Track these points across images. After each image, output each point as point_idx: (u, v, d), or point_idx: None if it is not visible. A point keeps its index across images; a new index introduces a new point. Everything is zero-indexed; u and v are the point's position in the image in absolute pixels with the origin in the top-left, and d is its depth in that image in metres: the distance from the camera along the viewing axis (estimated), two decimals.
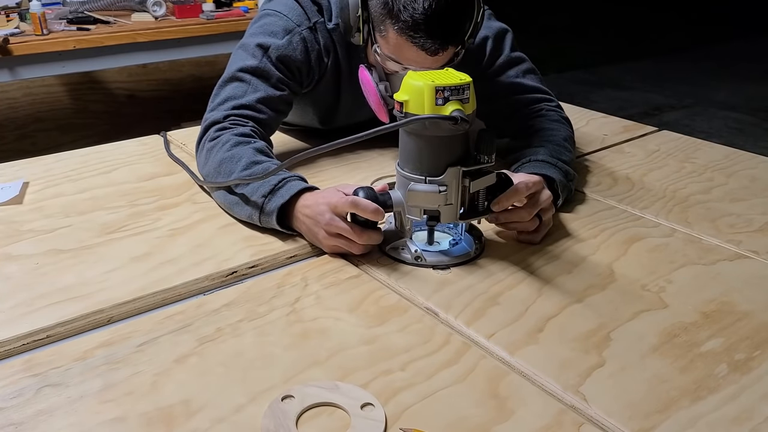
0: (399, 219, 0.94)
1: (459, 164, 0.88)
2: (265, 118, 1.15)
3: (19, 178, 1.22)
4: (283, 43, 1.15)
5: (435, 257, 0.94)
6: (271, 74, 1.15)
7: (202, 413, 0.67)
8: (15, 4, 2.59)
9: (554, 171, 1.05)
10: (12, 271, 0.92)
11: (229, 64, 1.19)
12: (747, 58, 5.96)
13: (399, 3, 0.99)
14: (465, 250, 0.96)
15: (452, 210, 0.91)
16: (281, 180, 0.99)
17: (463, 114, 0.83)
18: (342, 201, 0.91)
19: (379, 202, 0.90)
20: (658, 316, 0.83)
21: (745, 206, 1.14)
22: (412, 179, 0.90)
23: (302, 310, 0.84)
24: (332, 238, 0.93)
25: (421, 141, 0.88)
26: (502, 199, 0.92)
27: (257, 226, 1.01)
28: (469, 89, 0.85)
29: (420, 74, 0.86)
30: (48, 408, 0.68)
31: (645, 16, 7.90)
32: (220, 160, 1.05)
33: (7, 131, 2.77)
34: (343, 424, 0.65)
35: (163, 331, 0.80)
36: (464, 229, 0.99)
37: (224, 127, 1.10)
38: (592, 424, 0.66)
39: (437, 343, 0.78)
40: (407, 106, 0.86)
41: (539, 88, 1.27)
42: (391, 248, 0.96)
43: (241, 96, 1.14)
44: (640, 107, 4.60)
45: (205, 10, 2.65)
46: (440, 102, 0.84)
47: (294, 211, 0.97)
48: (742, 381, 0.72)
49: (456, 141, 0.88)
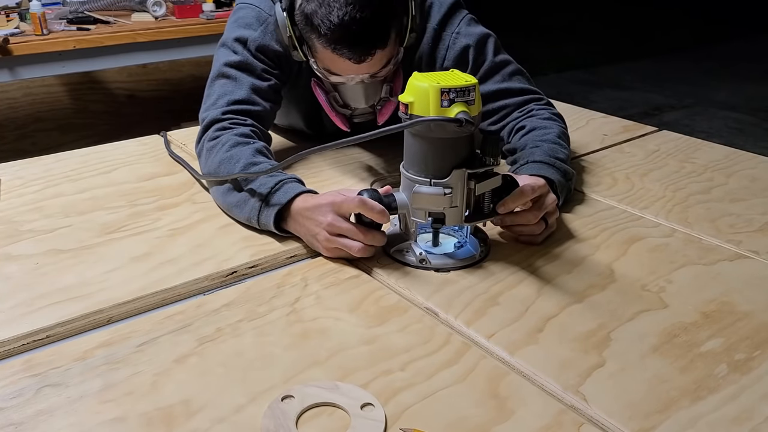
0: (404, 221, 0.94)
1: (464, 166, 0.88)
2: (260, 110, 1.15)
3: (20, 178, 1.22)
4: (258, 34, 1.17)
5: (440, 260, 0.94)
6: (255, 66, 1.16)
7: (202, 413, 0.67)
8: (15, 4, 2.59)
9: (552, 171, 1.05)
10: (12, 271, 0.92)
11: (214, 62, 1.20)
12: (747, 58, 5.96)
13: (317, 18, 1.00)
14: (470, 253, 0.95)
15: (457, 212, 0.90)
16: (278, 182, 0.98)
17: (468, 116, 0.83)
18: (348, 201, 0.90)
19: (384, 204, 0.90)
20: (658, 316, 0.83)
21: (745, 206, 1.14)
22: (417, 181, 0.90)
23: (302, 310, 0.84)
24: (333, 239, 0.93)
25: (426, 143, 0.88)
26: (507, 201, 0.92)
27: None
28: (474, 91, 0.85)
29: (425, 75, 0.86)
30: (48, 408, 0.68)
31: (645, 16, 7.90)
32: (220, 161, 1.05)
33: (7, 131, 2.77)
34: (343, 424, 0.65)
35: (163, 331, 0.80)
36: (469, 232, 0.99)
37: (224, 126, 1.10)
38: (592, 424, 0.66)
39: (437, 343, 0.78)
40: (412, 107, 0.85)
41: (527, 89, 1.26)
42: (395, 251, 0.96)
43: (232, 91, 1.15)
44: (640, 107, 4.60)
45: (205, 10, 2.65)
46: (445, 104, 0.83)
47: (292, 214, 0.97)
48: (742, 381, 0.72)
49: (461, 143, 0.88)
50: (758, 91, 4.93)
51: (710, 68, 5.64)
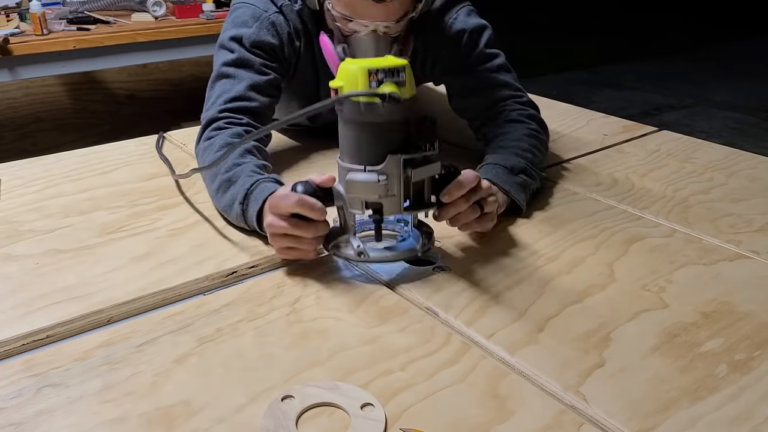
0: (342, 215, 0.90)
1: (399, 152, 0.84)
2: (258, 105, 1.15)
3: (20, 178, 1.22)
4: (253, 30, 1.16)
5: (378, 253, 0.90)
6: (252, 61, 1.16)
7: (202, 413, 0.67)
8: (15, 4, 2.59)
9: (499, 170, 1.04)
10: (12, 271, 0.92)
11: (214, 65, 1.19)
12: (747, 58, 5.96)
13: None
14: (412, 245, 0.92)
15: (395, 201, 0.86)
16: (254, 183, 0.97)
17: (396, 95, 0.80)
18: (285, 201, 0.86)
19: (318, 197, 0.86)
20: (658, 316, 0.83)
21: (745, 206, 1.14)
22: (351, 169, 0.86)
23: (302, 310, 0.84)
24: (278, 239, 0.89)
25: (357, 128, 0.85)
26: (450, 189, 0.90)
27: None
28: (404, 71, 0.82)
29: (356, 60, 0.84)
30: (48, 408, 0.68)
31: (645, 16, 7.90)
32: (211, 162, 1.03)
33: (7, 131, 2.77)
34: (343, 425, 0.65)
35: (163, 331, 0.80)
36: (412, 224, 0.95)
37: (219, 126, 1.10)
38: (592, 424, 0.66)
39: (437, 343, 0.78)
40: (341, 91, 0.83)
41: (510, 84, 1.25)
42: (333, 246, 0.92)
43: (230, 89, 1.14)
44: (640, 107, 4.60)
45: (205, 10, 2.65)
46: (374, 85, 0.81)
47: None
48: (742, 381, 0.72)
49: (394, 127, 0.84)
50: (758, 91, 4.93)
51: (710, 68, 5.64)
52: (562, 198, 1.16)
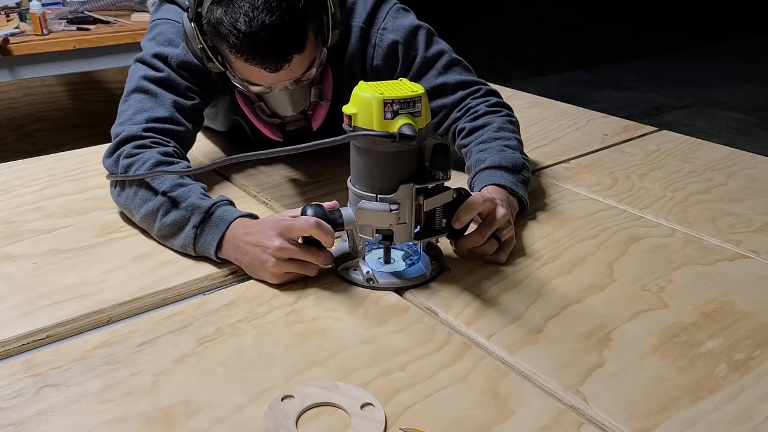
0: (351, 238, 0.89)
1: (412, 181, 0.83)
2: (183, 130, 1.08)
3: (20, 178, 1.22)
4: (180, 50, 1.09)
5: (387, 279, 0.89)
6: (178, 83, 1.09)
7: (202, 413, 0.67)
8: (15, 4, 2.59)
9: (501, 174, 1.02)
10: (12, 271, 0.92)
11: (129, 77, 1.11)
12: (747, 58, 5.96)
13: (224, 27, 0.91)
14: (420, 271, 0.90)
15: (406, 229, 0.85)
16: (212, 205, 0.93)
17: (411, 129, 0.78)
18: (300, 224, 0.84)
19: (329, 221, 0.85)
20: (658, 316, 0.83)
21: (745, 206, 1.14)
22: (362, 196, 0.85)
23: (302, 310, 0.84)
24: (284, 265, 0.86)
25: (370, 157, 0.83)
26: (459, 214, 0.88)
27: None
28: (420, 102, 0.80)
29: (370, 85, 0.81)
30: (48, 408, 0.68)
31: (645, 16, 7.90)
32: (141, 181, 0.98)
33: (7, 131, 2.77)
34: (343, 424, 0.65)
35: (163, 331, 0.80)
36: (422, 249, 0.93)
37: (144, 145, 1.02)
38: (592, 424, 0.66)
39: (437, 343, 0.78)
40: (355, 119, 0.80)
41: (463, 81, 1.18)
42: (342, 269, 0.91)
43: (152, 108, 1.06)
44: (640, 107, 4.60)
45: None
46: (389, 116, 0.79)
47: (231, 240, 0.90)
48: (742, 381, 0.72)
49: (408, 157, 0.83)
50: (758, 91, 4.93)
51: (710, 68, 5.64)
52: (562, 198, 1.16)
